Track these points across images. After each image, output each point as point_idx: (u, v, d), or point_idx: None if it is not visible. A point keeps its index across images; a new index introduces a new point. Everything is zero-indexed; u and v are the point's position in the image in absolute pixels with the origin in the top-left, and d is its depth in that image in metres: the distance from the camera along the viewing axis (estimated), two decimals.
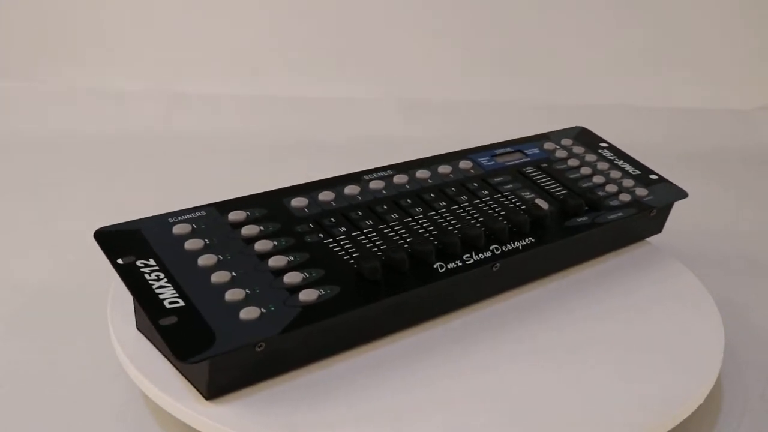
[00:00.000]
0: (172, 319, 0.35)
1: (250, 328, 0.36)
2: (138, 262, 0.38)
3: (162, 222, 0.41)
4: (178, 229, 0.41)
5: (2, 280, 0.58)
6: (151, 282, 0.37)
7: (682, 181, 0.92)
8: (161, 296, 0.36)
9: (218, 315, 0.36)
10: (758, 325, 0.55)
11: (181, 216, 0.42)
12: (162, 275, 0.38)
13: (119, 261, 0.38)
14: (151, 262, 0.38)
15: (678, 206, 0.82)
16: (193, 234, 0.41)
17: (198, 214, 0.43)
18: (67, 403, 0.44)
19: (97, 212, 0.71)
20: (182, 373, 0.38)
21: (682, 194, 0.59)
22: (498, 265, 0.45)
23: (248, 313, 0.36)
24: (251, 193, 0.46)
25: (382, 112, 1.03)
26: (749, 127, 1.04)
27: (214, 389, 0.36)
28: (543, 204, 0.51)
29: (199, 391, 0.37)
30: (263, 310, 0.37)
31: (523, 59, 1.10)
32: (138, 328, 0.42)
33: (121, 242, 0.40)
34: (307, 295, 0.38)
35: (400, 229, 0.45)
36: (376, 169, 0.51)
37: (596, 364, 0.42)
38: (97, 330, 0.49)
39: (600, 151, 0.61)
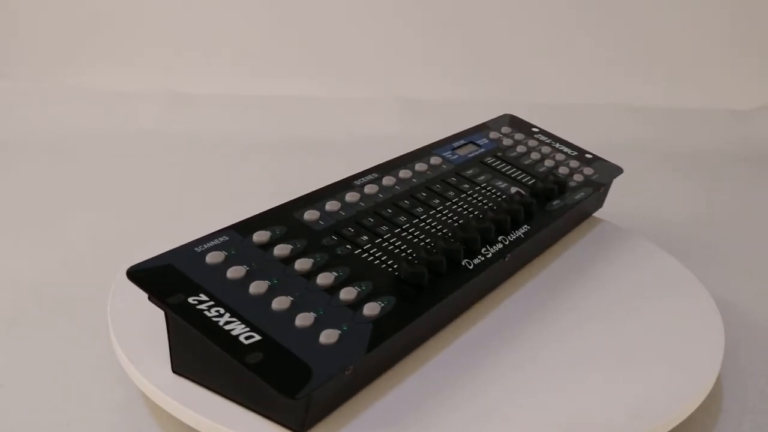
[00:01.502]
0: (257, 356, 0.33)
1: (337, 352, 0.35)
2: (190, 300, 0.35)
3: (190, 253, 0.39)
4: (211, 258, 0.38)
5: (2, 280, 0.58)
6: (214, 319, 0.35)
7: (682, 181, 0.92)
8: (233, 332, 0.34)
9: (299, 344, 0.34)
10: (758, 325, 0.55)
11: (206, 243, 0.40)
12: (222, 310, 0.35)
13: (171, 301, 0.35)
14: (203, 297, 0.36)
15: (678, 206, 0.82)
16: (228, 261, 0.38)
17: (222, 239, 0.40)
18: (67, 402, 0.44)
19: (98, 212, 0.72)
20: (258, 411, 0.35)
21: (618, 170, 0.62)
22: (509, 255, 0.47)
23: (328, 337, 0.35)
24: (252, 192, 0.46)
25: (382, 112, 1.03)
26: (749, 127, 1.04)
27: (309, 422, 0.35)
28: (523, 192, 0.53)
29: (288, 426, 0.35)
30: (339, 331, 0.36)
31: (522, 59, 1.10)
32: (175, 371, 0.38)
33: (159, 280, 0.36)
34: (371, 310, 0.38)
35: (414, 231, 0.46)
36: (361, 173, 0.51)
37: (596, 364, 0.42)
38: (97, 330, 0.49)
39: (536, 136, 0.64)
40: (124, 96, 1.01)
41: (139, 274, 0.37)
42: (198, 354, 0.36)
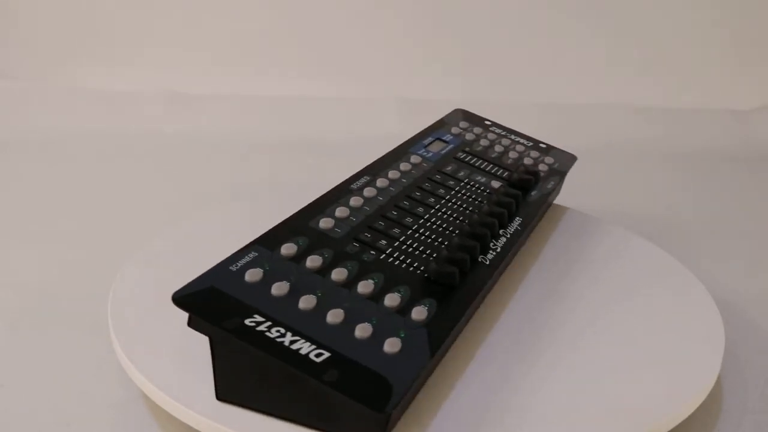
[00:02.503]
0: (334, 373, 0.33)
1: (405, 360, 0.34)
2: (247, 322, 0.34)
3: (227, 272, 0.37)
4: (250, 276, 0.37)
5: (2, 280, 0.58)
6: (279, 339, 0.34)
7: (681, 181, 0.92)
8: (302, 351, 0.34)
9: (368, 356, 0.34)
10: (758, 325, 0.55)
11: (238, 261, 0.38)
12: (281, 329, 0.34)
13: (229, 325, 0.34)
14: (258, 317, 0.35)
15: (678, 206, 0.82)
16: (268, 278, 0.37)
17: (252, 255, 0.39)
18: (67, 402, 0.44)
19: (97, 212, 0.72)
20: (329, 430, 0.34)
21: (573, 158, 0.65)
22: (512, 249, 0.48)
23: (392, 345, 0.35)
24: (252, 192, 0.46)
25: (382, 112, 1.03)
26: (749, 127, 1.04)
27: None
28: (508, 186, 0.55)
29: None
30: (399, 339, 0.35)
31: (522, 59, 1.10)
32: (221, 398, 0.37)
33: (207, 304, 0.35)
34: (419, 314, 0.38)
35: (424, 231, 0.46)
36: (353, 177, 0.51)
37: (596, 365, 0.42)
38: (97, 330, 0.49)
39: (491, 128, 0.65)
40: (124, 96, 1.01)
41: (186, 300, 0.35)
42: (254, 377, 0.35)
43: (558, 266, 0.53)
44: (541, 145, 0.65)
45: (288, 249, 0.40)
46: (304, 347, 0.34)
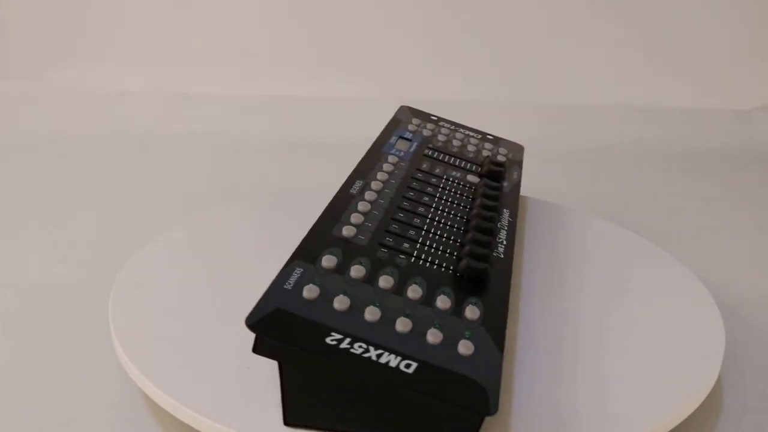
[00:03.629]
0: (429, 383, 0.33)
1: (482, 359, 0.35)
2: (329, 341, 0.34)
3: (285, 292, 0.36)
4: (308, 293, 0.36)
5: (2, 280, 0.58)
6: (365, 355, 0.33)
7: (681, 181, 0.92)
8: (390, 364, 0.33)
9: (450, 361, 0.34)
10: (758, 325, 0.55)
11: (290, 279, 0.37)
12: (363, 344, 0.34)
13: (314, 347, 0.33)
14: (337, 335, 0.34)
15: (678, 206, 0.82)
16: (325, 293, 0.37)
17: (299, 271, 0.38)
18: (67, 402, 0.44)
19: (98, 212, 0.72)
20: None
21: (522, 148, 0.65)
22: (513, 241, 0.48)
23: (466, 347, 0.35)
24: (254, 192, 0.45)
25: (382, 112, 1.03)
26: (749, 127, 1.04)
27: None
28: (489, 179, 0.55)
29: None
30: (468, 340, 0.36)
31: (522, 59, 1.10)
32: (290, 423, 0.36)
33: (281, 327, 0.34)
34: (473, 313, 0.38)
35: (435, 231, 0.46)
36: (347, 182, 0.50)
37: (596, 364, 0.42)
38: (97, 330, 0.49)
39: (441, 123, 0.65)
40: (124, 96, 1.01)
41: (262, 326, 0.34)
42: (329, 398, 0.35)
43: (554, 264, 0.53)
44: (489, 137, 0.65)
45: (328, 261, 0.39)
46: (392, 360, 0.33)
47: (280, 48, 1.08)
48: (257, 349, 0.34)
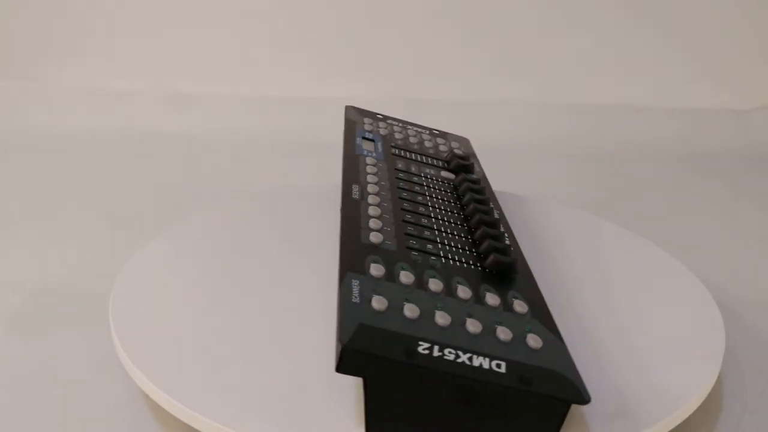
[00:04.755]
0: (525, 380, 0.33)
1: (554, 353, 0.35)
2: (421, 350, 0.33)
3: (358, 306, 0.35)
4: (377, 304, 0.36)
5: (2, 280, 0.58)
6: (458, 360, 0.33)
7: (681, 181, 0.92)
8: (484, 367, 0.33)
9: (529, 356, 0.34)
10: (758, 325, 0.55)
11: (353, 292, 0.36)
12: (451, 349, 0.34)
13: (414, 360, 0.33)
14: (425, 344, 0.34)
15: (678, 206, 0.82)
16: (393, 302, 0.36)
17: (357, 283, 0.37)
18: (68, 402, 0.44)
19: (98, 212, 0.72)
20: None
21: (467, 140, 0.66)
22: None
23: (535, 341, 0.35)
24: (253, 192, 0.45)
25: (382, 112, 1.03)
26: (749, 127, 1.04)
27: None
28: (467, 175, 0.55)
29: None
30: (533, 334, 0.36)
31: (522, 59, 1.10)
32: None
33: (372, 342, 0.34)
34: (521, 307, 0.38)
35: (443, 230, 0.46)
36: (346, 189, 0.49)
37: (595, 364, 0.42)
38: (97, 330, 0.49)
39: (389, 121, 0.65)
40: (124, 96, 1.01)
41: (358, 344, 0.33)
42: (415, 408, 0.34)
43: (551, 263, 0.53)
44: (435, 131, 0.65)
45: (377, 270, 0.38)
46: (483, 362, 0.33)
47: (280, 49, 1.08)
48: (343, 368, 0.33)
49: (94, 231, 0.67)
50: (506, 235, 0.48)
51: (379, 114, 0.66)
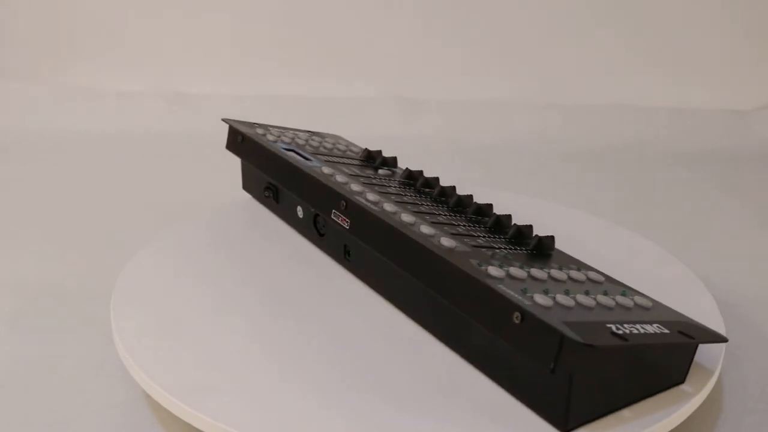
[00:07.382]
0: (684, 335, 0.37)
1: (664, 308, 0.40)
2: (618, 332, 0.35)
3: (540, 307, 0.36)
4: (542, 300, 0.36)
5: (2, 280, 0.58)
6: (639, 332, 0.36)
7: (681, 181, 0.92)
8: (656, 331, 0.36)
9: (663, 315, 0.39)
10: (758, 325, 0.55)
11: (517, 294, 0.37)
12: (626, 325, 0.36)
13: (621, 343, 0.34)
14: (610, 326, 0.35)
15: (678, 206, 0.82)
16: (548, 296, 0.37)
17: (502, 287, 0.38)
18: (68, 402, 0.44)
19: (98, 212, 0.72)
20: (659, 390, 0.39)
21: (339, 136, 0.66)
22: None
23: (647, 301, 0.40)
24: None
25: (382, 112, 1.03)
26: (749, 127, 1.04)
27: None
28: (387, 171, 0.55)
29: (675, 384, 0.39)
30: (638, 296, 0.40)
31: (522, 59, 1.10)
32: (571, 428, 0.36)
33: (588, 334, 0.34)
34: (597, 276, 0.42)
35: (458, 223, 0.46)
36: (346, 196, 0.47)
37: None
38: (97, 330, 0.49)
39: (271, 129, 0.64)
40: (124, 96, 1.01)
41: (578, 338, 0.32)
42: (603, 384, 0.37)
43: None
44: (313, 131, 0.66)
45: (497, 272, 0.39)
46: (648, 328, 0.36)
47: (280, 48, 1.08)
48: (562, 364, 0.33)
49: (95, 231, 0.67)
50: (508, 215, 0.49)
51: (255, 123, 0.64)
